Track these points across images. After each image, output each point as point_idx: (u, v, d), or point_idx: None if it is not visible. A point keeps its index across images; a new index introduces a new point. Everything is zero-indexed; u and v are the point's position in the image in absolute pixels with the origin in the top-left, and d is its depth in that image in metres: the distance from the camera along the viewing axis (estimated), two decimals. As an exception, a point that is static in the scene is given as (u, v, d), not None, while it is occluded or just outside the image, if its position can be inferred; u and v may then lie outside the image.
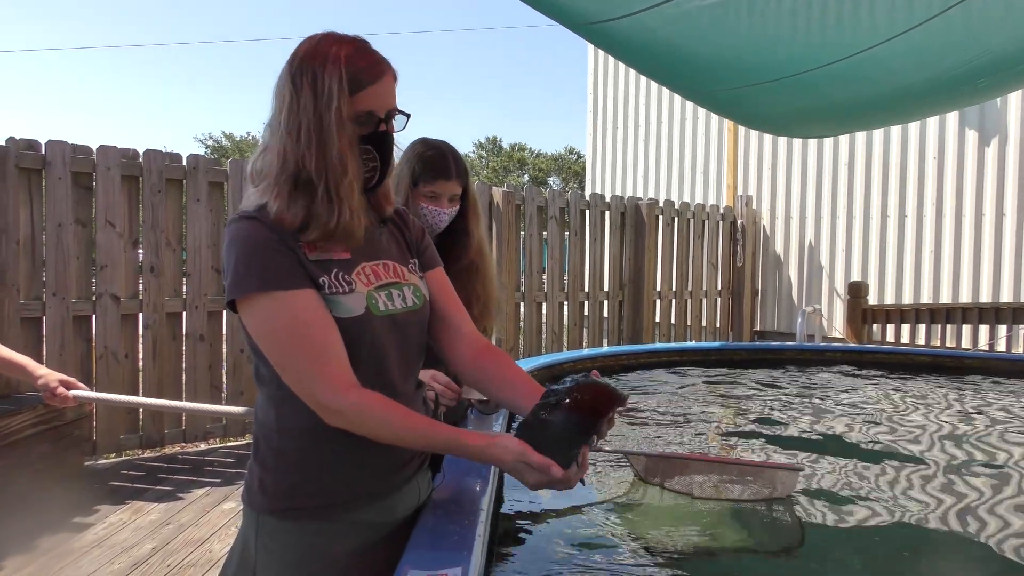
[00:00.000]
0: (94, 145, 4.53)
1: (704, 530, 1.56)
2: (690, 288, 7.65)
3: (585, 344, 6.77)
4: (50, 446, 3.86)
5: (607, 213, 6.97)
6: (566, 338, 6.78)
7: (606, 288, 7.03)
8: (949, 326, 5.97)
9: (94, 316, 4.53)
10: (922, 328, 6.04)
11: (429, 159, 1.97)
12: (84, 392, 2.03)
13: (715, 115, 8.39)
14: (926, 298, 7.16)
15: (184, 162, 4.83)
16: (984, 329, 6.04)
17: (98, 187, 4.51)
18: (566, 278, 6.81)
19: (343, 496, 1.25)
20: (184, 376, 4.88)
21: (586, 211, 6.80)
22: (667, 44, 3.40)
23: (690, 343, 7.18)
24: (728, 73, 3.76)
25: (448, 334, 1.42)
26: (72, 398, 1.99)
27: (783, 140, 8.18)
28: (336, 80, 1.20)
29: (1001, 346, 5.95)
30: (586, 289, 6.84)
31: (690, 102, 8.72)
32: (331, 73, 1.20)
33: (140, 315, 4.70)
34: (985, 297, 6.80)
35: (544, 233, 6.53)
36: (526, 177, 44.05)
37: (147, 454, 4.79)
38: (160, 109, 76.77)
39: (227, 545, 3.29)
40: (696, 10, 3.00)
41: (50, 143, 4.34)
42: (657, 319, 7.43)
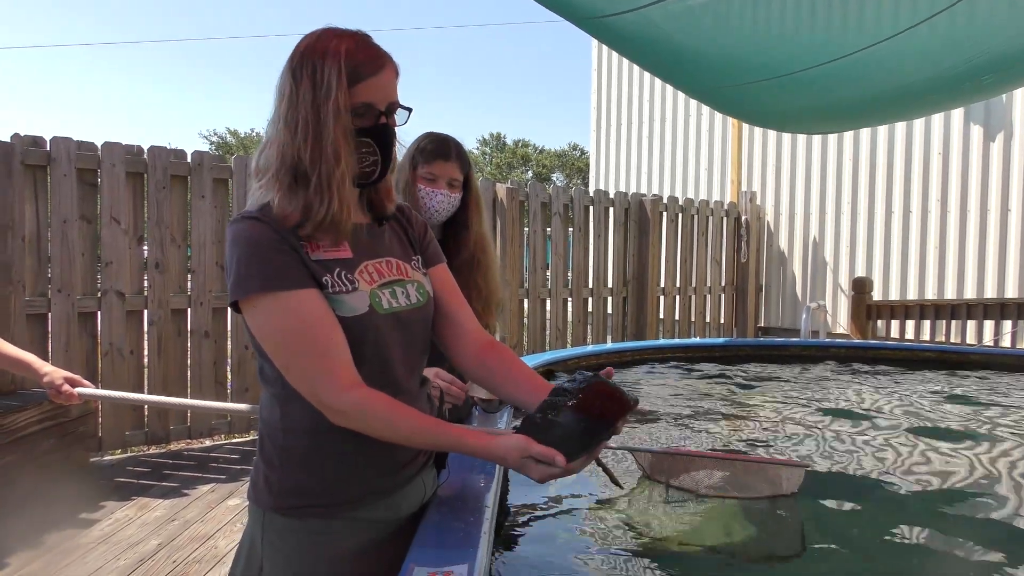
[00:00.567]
0: (99, 141, 4.54)
1: (709, 527, 1.56)
2: (694, 284, 7.64)
3: (589, 341, 6.76)
4: (56, 442, 3.87)
5: (611, 209, 6.96)
6: (570, 335, 6.77)
7: (610, 284, 7.02)
8: (954, 322, 5.96)
9: (99, 312, 4.54)
10: (927, 324, 6.03)
11: (430, 141, 1.99)
12: (89, 389, 2.04)
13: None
14: (931, 294, 7.14)
15: (189, 159, 4.84)
16: (989, 325, 6.03)
17: (103, 183, 4.52)
18: (570, 274, 6.80)
19: (348, 494, 1.26)
20: (189, 372, 4.89)
21: (590, 207, 6.80)
22: (670, 40, 3.40)
23: (694, 339, 7.18)
24: (731, 70, 3.75)
25: (452, 331, 1.42)
26: (77, 396, 1.99)
27: (787, 136, 8.16)
28: (335, 72, 1.20)
29: (1006, 341, 5.94)
30: (590, 285, 6.84)
31: (693, 99, 8.73)
32: (331, 65, 1.20)
33: (145, 311, 4.71)
34: (990, 293, 6.78)
35: (548, 229, 6.53)
36: (530, 174, 43.97)
37: (152, 450, 4.81)
38: (165, 106, 76.83)
39: (232, 541, 3.31)
40: (699, 7, 3.00)
41: (55, 139, 4.35)
42: (661, 315, 7.42)
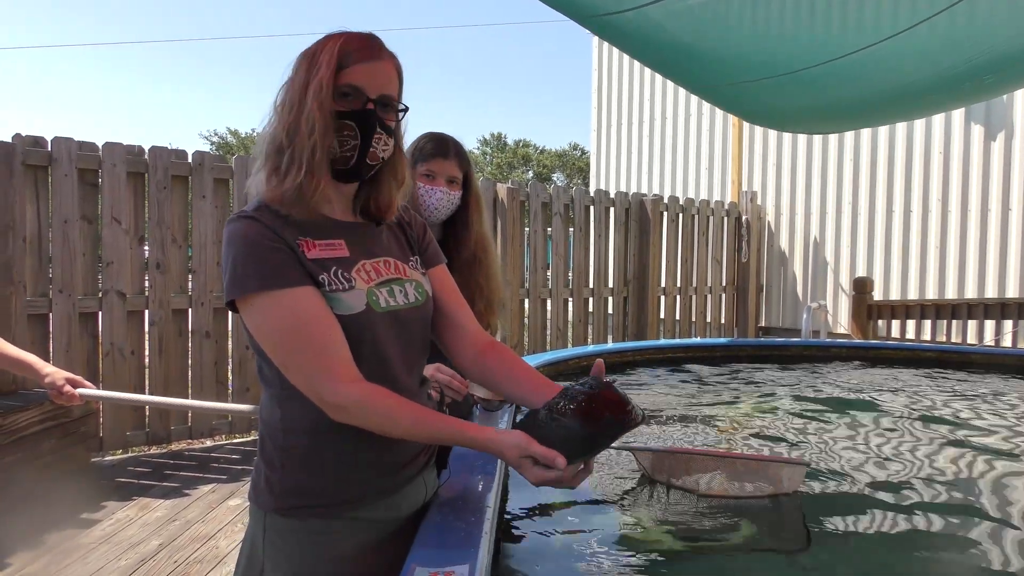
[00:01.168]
0: (100, 142, 4.54)
1: (709, 526, 1.56)
2: (695, 284, 7.63)
3: (590, 341, 6.76)
4: (57, 442, 3.88)
5: (612, 209, 6.96)
6: (571, 335, 6.77)
7: (611, 284, 7.02)
8: (955, 322, 5.95)
9: (100, 313, 4.55)
10: (927, 324, 6.02)
11: (428, 140, 2.01)
12: (91, 390, 2.04)
13: (720, 111, 8.37)
14: (931, 294, 7.14)
15: (190, 159, 4.84)
16: (990, 324, 6.03)
17: (104, 184, 4.52)
18: (571, 274, 6.80)
19: (349, 494, 1.26)
20: (190, 372, 4.89)
21: (591, 207, 6.80)
22: (672, 38, 3.39)
23: (695, 340, 7.18)
24: (731, 68, 3.75)
25: (452, 331, 1.42)
26: (79, 396, 1.99)
27: (788, 136, 8.16)
28: (328, 55, 1.23)
29: (1007, 341, 5.93)
30: (591, 285, 6.84)
31: (695, 98, 8.72)
32: (327, 51, 1.24)
33: (146, 312, 4.71)
34: (991, 292, 6.78)
35: (549, 229, 6.53)
36: (530, 173, 43.93)
37: (153, 450, 4.81)
38: (166, 106, 76.84)
39: (233, 541, 3.31)
40: (698, 6, 3.00)
41: (56, 140, 4.35)
42: (662, 315, 7.42)
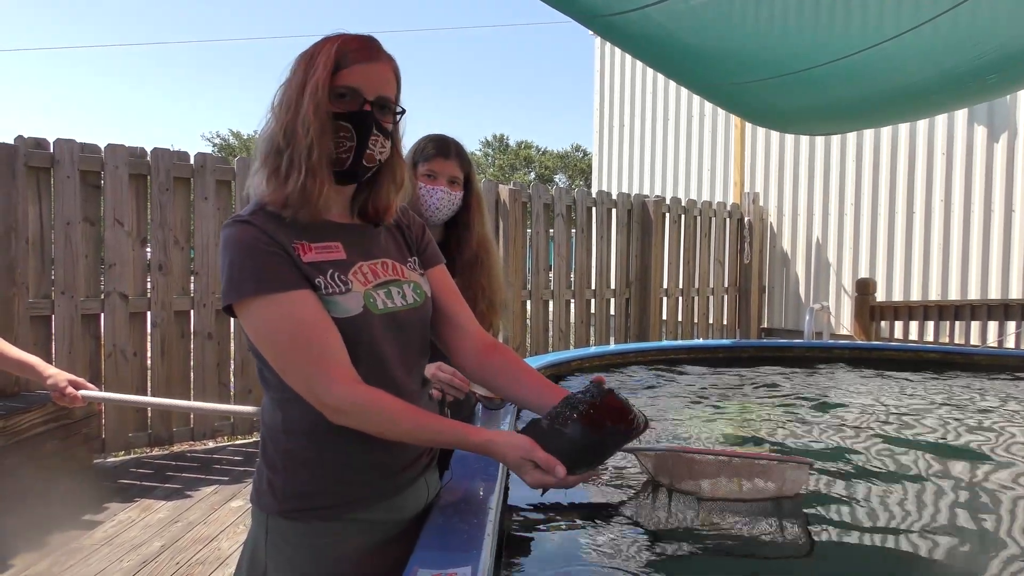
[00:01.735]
0: (102, 144, 4.55)
1: (712, 529, 1.56)
2: (697, 286, 7.63)
3: (592, 342, 6.76)
4: (59, 444, 3.88)
5: (614, 211, 6.96)
6: (573, 336, 6.77)
7: (613, 286, 7.01)
8: (958, 323, 5.94)
9: (103, 314, 4.55)
10: (931, 325, 6.01)
11: (429, 141, 2.02)
12: (93, 392, 2.04)
13: (722, 112, 8.37)
14: (934, 295, 7.13)
15: (192, 160, 4.85)
16: (993, 326, 6.02)
17: (106, 185, 4.53)
18: (572, 276, 6.80)
19: (351, 496, 1.26)
20: (192, 374, 4.90)
21: (593, 209, 6.79)
22: (674, 39, 3.39)
23: (698, 341, 7.17)
24: (734, 68, 3.74)
25: (452, 332, 1.42)
26: (81, 398, 2.00)
27: (790, 137, 8.16)
28: (325, 56, 1.23)
29: (1010, 342, 5.92)
30: (593, 287, 6.83)
31: (697, 100, 8.72)
32: (325, 52, 1.24)
33: (148, 313, 4.72)
34: (994, 293, 6.76)
35: (551, 231, 6.52)
36: (532, 175, 43.96)
37: (156, 452, 4.81)
38: (168, 108, 77.02)
39: (235, 543, 3.31)
40: (701, 6, 3.00)
41: (58, 142, 4.36)
42: (664, 317, 7.42)
